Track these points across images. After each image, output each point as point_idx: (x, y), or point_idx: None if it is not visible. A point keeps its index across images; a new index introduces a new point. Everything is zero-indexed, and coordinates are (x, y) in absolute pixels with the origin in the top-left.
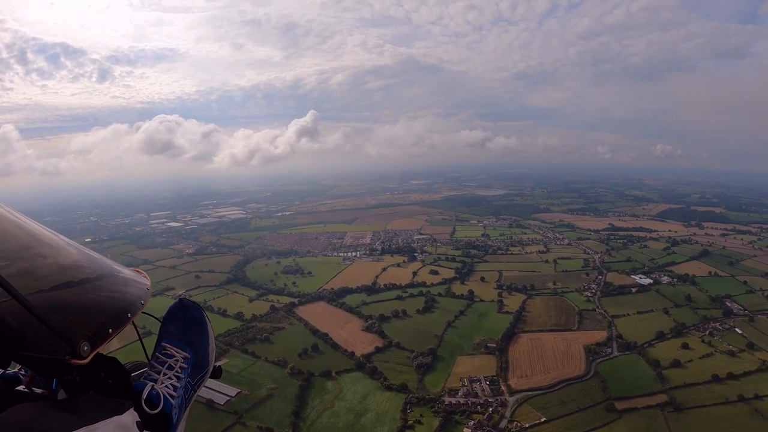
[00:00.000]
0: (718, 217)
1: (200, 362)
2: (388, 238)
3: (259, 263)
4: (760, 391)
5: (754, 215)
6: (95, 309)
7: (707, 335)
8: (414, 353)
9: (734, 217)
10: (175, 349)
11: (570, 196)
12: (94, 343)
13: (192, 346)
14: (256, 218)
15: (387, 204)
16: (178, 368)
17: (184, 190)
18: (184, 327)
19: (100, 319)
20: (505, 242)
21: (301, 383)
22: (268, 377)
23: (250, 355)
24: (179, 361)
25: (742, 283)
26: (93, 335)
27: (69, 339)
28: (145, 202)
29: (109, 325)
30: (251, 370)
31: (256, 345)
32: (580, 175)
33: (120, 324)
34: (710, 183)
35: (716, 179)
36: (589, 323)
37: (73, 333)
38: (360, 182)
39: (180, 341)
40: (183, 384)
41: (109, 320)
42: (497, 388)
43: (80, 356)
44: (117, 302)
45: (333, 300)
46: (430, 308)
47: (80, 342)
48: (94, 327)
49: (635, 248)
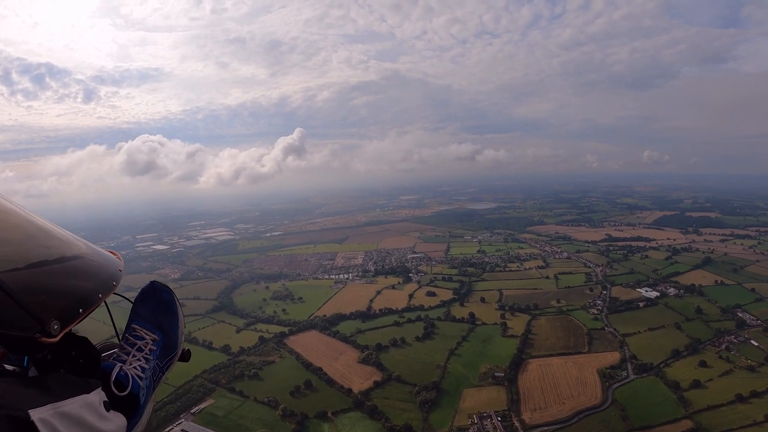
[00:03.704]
0: (714, 222)
1: (169, 345)
2: (380, 258)
3: (247, 288)
4: None
5: (750, 218)
6: (67, 288)
7: (724, 350)
8: (416, 387)
9: (730, 222)
10: (145, 331)
11: (562, 206)
12: (64, 322)
13: (161, 329)
14: (244, 239)
15: (377, 221)
16: (147, 350)
17: (171, 211)
18: (154, 309)
19: (71, 298)
20: (502, 258)
21: (294, 427)
22: (258, 421)
23: (237, 395)
24: (148, 343)
25: (750, 291)
26: (63, 314)
27: (39, 317)
28: (130, 225)
29: (79, 305)
30: (239, 412)
31: (244, 382)
32: (569, 184)
33: (91, 304)
34: (700, 187)
35: (705, 183)
36: (599, 344)
37: (44, 311)
38: (349, 199)
39: (150, 323)
40: (151, 366)
41: (80, 300)
42: (510, 424)
43: (50, 335)
44: (89, 282)
45: (326, 328)
46: (430, 335)
47: (50, 320)
48: (64, 306)
49: (636, 259)
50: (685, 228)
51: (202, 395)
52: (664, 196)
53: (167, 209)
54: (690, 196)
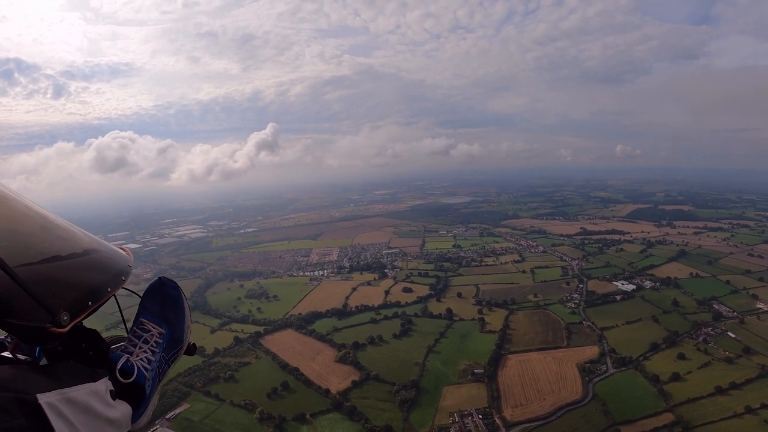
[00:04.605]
0: (687, 215)
1: (175, 338)
2: (355, 254)
3: (221, 287)
4: (766, 400)
5: (722, 211)
6: (78, 282)
7: (701, 342)
8: (395, 386)
9: (703, 215)
10: (152, 325)
11: (536, 200)
12: (74, 314)
13: (168, 323)
14: (218, 237)
15: (352, 216)
16: (153, 342)
17: (143, 209)
18: (161, 304)
19: (81, 291)
20: (478, 253)
21: (272, 431)
22: (235, 425)
23: (213, 398)
24: (155, 336)
25: (725, 283)
26: (73, 306)
27: (50, 308)
28: (102, 223)
29: (89, 298)
30: (215, 416)
31: (220, 385)
32: (543, 178)
33: (100, 297)
34: (672, 181)
35: (677, 176)
36: (578, 338)
37: (55, 303)
38: (323, 195)
39: (157, 317)
40: (157, 358)
41: (90, 293)
42: (491, 422)
43: (60, 325)
44: (99, 277)
45: (302, 327)
46: (407, 332)
47: (60, 312)
48: (75, 299)
49: (612, 252)
50: (659, 221)
51: (177, 400)
52: (636, 189)
53: (139, 207)
54: (662, 190)
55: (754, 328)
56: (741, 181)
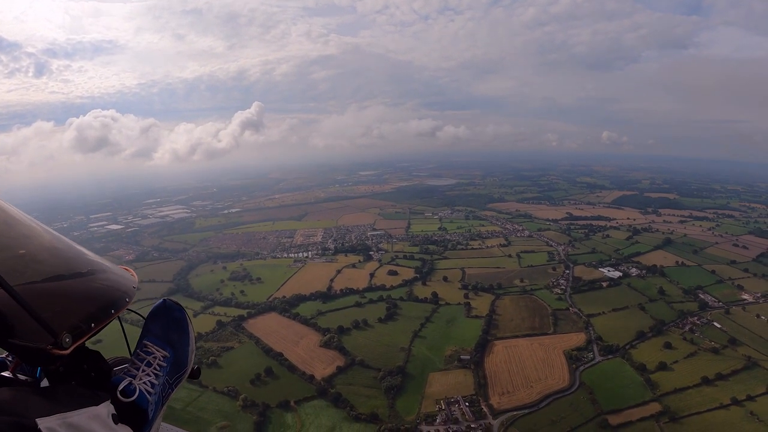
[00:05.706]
0: (672, 203)
1: (179, 362)
2: (340, 236)
3: (204, 269)
4: (751, 392)
5: (708, 201)
6: (81, 303)
7: (688, 332)
8: (381, 372)
9: (688, 203)
10: (156, 347)
11: (522, 184)
12: (76, 336)
13: (172, 346)
14: (201, 217)
15: (337, 197)
16: (156, 365)
17: (126, 189)
18: (165, 326)
19: (84, 313)
20: (463, 236)
21: (256, 418)
22: (218, 412)
23: (196, 385)
24: (158, 358)
25: (710, 273)
26: (76, 328)
27: (52, 330)
28: (84, 204)
29: (92, 320)
30: (197, 403)
31: (203, 371)
32: (529, 162)
33: (103, 319)
34: (657, 168)
35: (662, 165)
36: (565, 325)
37: (57, 324)
38: (308, 175)
39: (161, 340)
40: (161, 381)
41: (93, 315)
42: (478, 409)
43: (62, 347)
44: (102, 298)
45: (285, 311)
46: (393, 315)
47: (62, 333)
48: (77, 320)
49: (598, 238)
50: (644, 208)
51: None
52: (622, 176)
53: (121, 187)
54: (647, 177)
55: (739, 319)
56: (725, 170)
